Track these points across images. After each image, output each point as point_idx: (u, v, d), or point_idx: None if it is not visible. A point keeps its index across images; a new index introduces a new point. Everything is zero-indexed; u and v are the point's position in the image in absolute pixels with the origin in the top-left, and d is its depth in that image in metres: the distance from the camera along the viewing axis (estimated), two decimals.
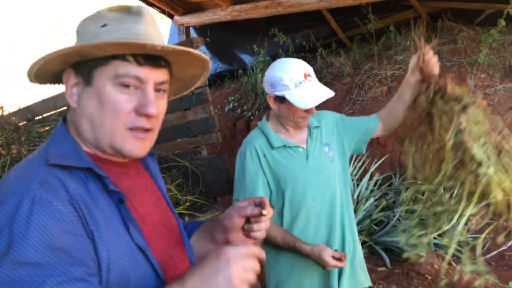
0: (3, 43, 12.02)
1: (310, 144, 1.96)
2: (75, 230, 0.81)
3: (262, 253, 0.89)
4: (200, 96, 2.49)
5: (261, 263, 0.89)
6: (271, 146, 1.93)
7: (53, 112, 3.12)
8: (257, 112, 6.58)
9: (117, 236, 0.87)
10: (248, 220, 1.07)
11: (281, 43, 6.63)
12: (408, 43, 5.73)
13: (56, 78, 0.99)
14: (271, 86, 1.88)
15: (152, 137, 0.98)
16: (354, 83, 5.75)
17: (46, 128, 2.96)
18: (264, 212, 1.02)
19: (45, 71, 0.94)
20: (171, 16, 7.06)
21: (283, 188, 1.91)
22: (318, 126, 2.01)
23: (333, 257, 1.80)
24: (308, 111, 1.85)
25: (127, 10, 0.94)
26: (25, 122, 3.11)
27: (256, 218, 1.04)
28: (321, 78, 6.34)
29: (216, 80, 7.74)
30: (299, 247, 1.85)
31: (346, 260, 1.84)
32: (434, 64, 1.74)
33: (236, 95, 7.23)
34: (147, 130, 0.93)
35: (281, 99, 1.86)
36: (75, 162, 0.88)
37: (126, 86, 0.90)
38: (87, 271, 0.79)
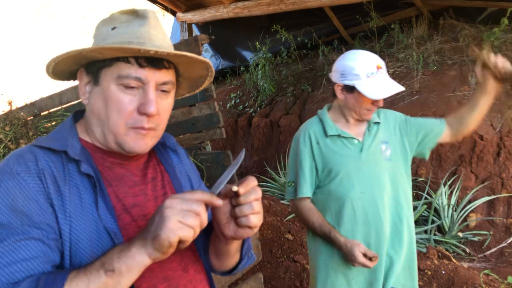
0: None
1: (367, 138, 1.93)
2: (38, 198, 0.88)
3: (215, 202, 0.85)
4: (205, 93, 2.53)
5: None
6: (326, 134, 1.93)
7: (59, 107, 3.16)
8: (258, 108, 6.62)
9: (83, 213, 0.92)
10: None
11: (283, 40, 6.66)
12: (409, 40, 5.75)
13: (74, 76, 1.06)
14: (341, 75, 1.86)
15: (155, 134, 1.01)
16: None
17: (53, 123, 3.00)
18: (234, 188, 0.88)
19: (61, 70, 1.01)
20: (173, 13, 7.09)
21: (332, 177, 1.91)
22: (378, 123, 1.97)
23: (364, 255, 1.79)
24: (375, 103, 1.85)
25: (135, 13, 1.00)
26: (31, 117, 3.16)
27: (237, 202, 0.91)
28: (322, 75, 6.37)
29: (218, 77, 7.77)
30: (334, 237, 1.86)
31: (376, 261, 1.80)
32: (503, 62, 1.77)
33: (238, 92, 7.26)
34: (148, 129, 0.97)
35: (350, 89, 1.85)
36: (56, 145, 0.95)
37: (130, 87, 0.94)
38: (44, 234, 0.86)
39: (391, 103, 5.08)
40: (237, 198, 0.90)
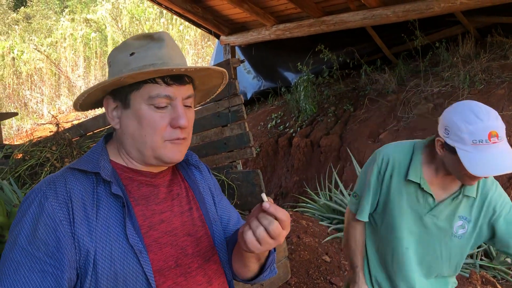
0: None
1: (445, 204, 1.65)
2: (58, 227, 0.95)
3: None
4: (236, 114, 2.60)
5: None
6: (406, 175, 1.66)
7: (103, 128, 3.35)
8: (299, 129, 6.62)
9: (110, 234, 0.98)
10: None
11: (325, 60, 6.66)
12: (455, 59, 5.59)
13: (96, 105, 1.15)
14: (445, 130, 1.51)
15: (187, 143, 1.09)
16: (399, 100, 5.67)
17: (96, 143, 3.17)
18: (264, 199, 0.90)
19: (88, 101, 1.09)
20: (217, 36, 7.30)
21: (386, 220, 1.74)
22: (470, 197, 1.65)
23: None
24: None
25: (150, 38, 1.06)
26: (77, 138, 3.35)
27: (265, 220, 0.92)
28: (365, 95, 6.30)
29: (259, 97, 7.87)
30: (357, 274, 1.81)
31: None
32: None
33: (279, 112, 7.31)
34: (182, 139, 1.06)
35: (452, 150, 1.50)
36: (89, 167, 1.02)
37: (160, 107, 1.02)
38: (54, 264, 0.93)
39: (435, 123, 4.94)
40: (264, 213, 0.91)
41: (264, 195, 0.92)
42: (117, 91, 1.05)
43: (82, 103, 1.08)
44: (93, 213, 0.98)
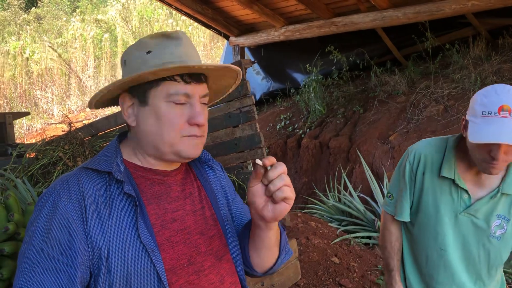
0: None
1: (482, 202, 1.57)
2: (71, 226, 0.97)
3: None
4: (247, 114, 2.61)
5: None
6: (439, 171, 1.60)
7: (114, 128, 3.38)
8: (308, 130, 6.61)
9: (123, 233, 0.99)
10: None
11: (334, 61, 6.65)
12: (466, 61, 5.56)
13: (109, 103, 1.16)
14: (468, 108, 1.51)
15: (203, 141, 1.11)
16: (409, 102, 5.64)
17: (107, 142, 3.20)
18: (258, 162, 0.94)
19: (103, 99, 1.11)
20: (226, 37, 7.33)
21: (419, 220, 1.68)
22: (508, 195, 1.57)
23: None
24: (491, 154, 1.41)
25: (167, 36, 1.07)
26: (89, 137, 3.38)
27: (268, 178, 0.97)
28: (374, 96, 6.28)
29: (268, 98, 7.87)
30: (392, 277, 1.74)
31: None
32: None
33: (288, 113, 7.31)
34: (200, 136, 1.08)
35: (466, 125, 1.48)
36: (102, 167, 1.03)
37: (180, 103, 1.03)
38: (67, 262, 0.94)
39: (445, 125, 4.91)
40: (267, 174, 0.96)
41: (258, 160, 0.96)
42: (135, 89, 1.06)
43: (98, 101, 1.09)
44: (106, 212, 0.99)
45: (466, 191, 1.57)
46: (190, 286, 1.04)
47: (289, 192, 0.96)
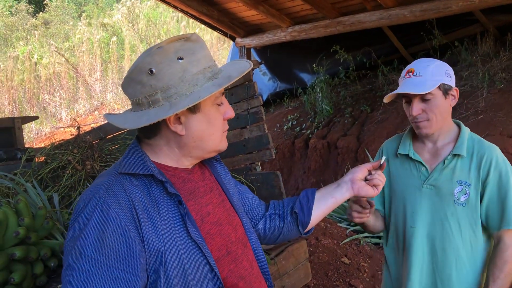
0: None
1: (438, 171, 1.63)
2: (126, 233, 0.96)
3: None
4: (255, 115, 2.60)
5: None
6: (396, 153, 1.74)
7: (123, 131, 3.38)
8: (315, 130, 6.60)
9: (174, 233, 1.02)
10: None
11: (341, 60, 6.63)
12: (474, 58, 5.51)
13: None
14: None
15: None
16: None
17: (116, 146, 3.20)
18: (382, 160, 1.39)
19: None
20: (232, 38, 7.33)
21: (393, 203, 1.76)
22: (460, 156, 1.61)
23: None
24: (411, 113, 1.59)
25: (187, 39, 1.07)
26: (97, 141, 3.39)
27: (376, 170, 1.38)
28: (382, 95, 6.25)
29: (275, 99, 7.87)
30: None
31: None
32: None
33: (295, 114, 7.29)
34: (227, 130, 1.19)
35: None
36: (140, 170, 1.04)
37: (220, 104, 1.12)
38: (127, 269, 0.94)
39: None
40: (380, 169, 1.39)
41: (384, 158, 1.42)
42: None
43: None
44: (156, 214, 1.01)
45: (422, 163, 1.67)
46: (232, 275, 1.11)
47: (381, 184, 1.36)
